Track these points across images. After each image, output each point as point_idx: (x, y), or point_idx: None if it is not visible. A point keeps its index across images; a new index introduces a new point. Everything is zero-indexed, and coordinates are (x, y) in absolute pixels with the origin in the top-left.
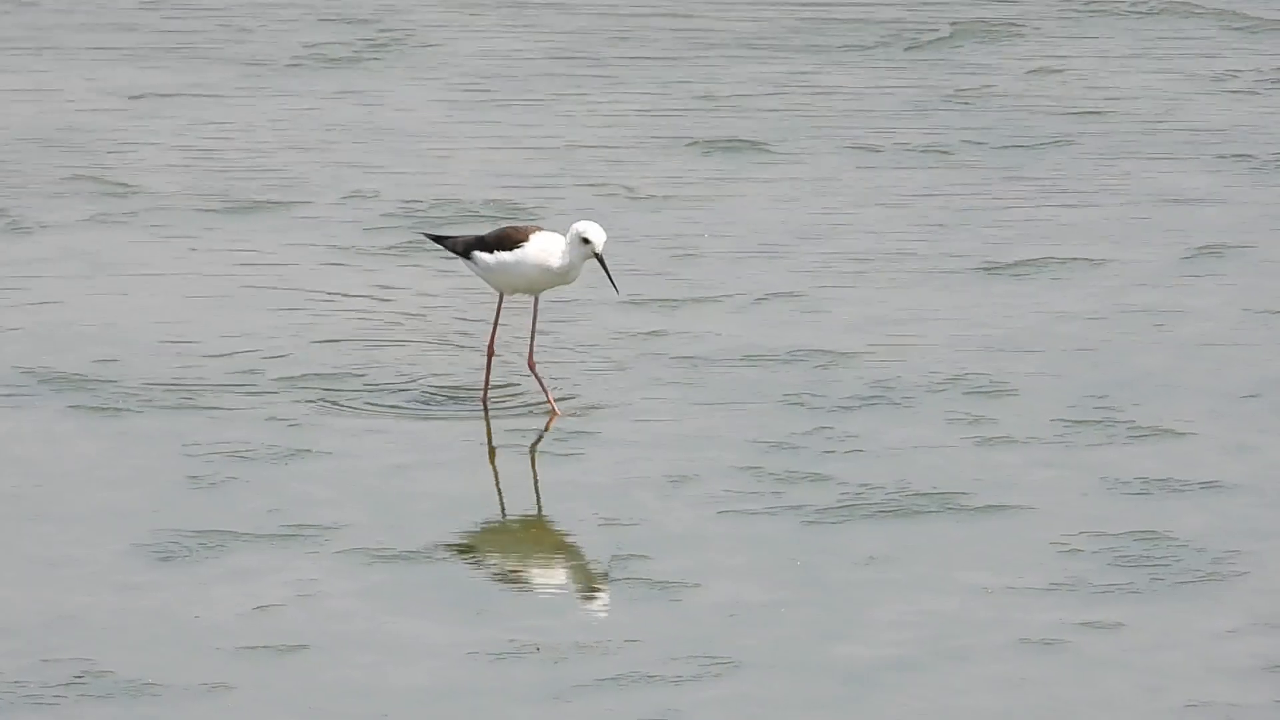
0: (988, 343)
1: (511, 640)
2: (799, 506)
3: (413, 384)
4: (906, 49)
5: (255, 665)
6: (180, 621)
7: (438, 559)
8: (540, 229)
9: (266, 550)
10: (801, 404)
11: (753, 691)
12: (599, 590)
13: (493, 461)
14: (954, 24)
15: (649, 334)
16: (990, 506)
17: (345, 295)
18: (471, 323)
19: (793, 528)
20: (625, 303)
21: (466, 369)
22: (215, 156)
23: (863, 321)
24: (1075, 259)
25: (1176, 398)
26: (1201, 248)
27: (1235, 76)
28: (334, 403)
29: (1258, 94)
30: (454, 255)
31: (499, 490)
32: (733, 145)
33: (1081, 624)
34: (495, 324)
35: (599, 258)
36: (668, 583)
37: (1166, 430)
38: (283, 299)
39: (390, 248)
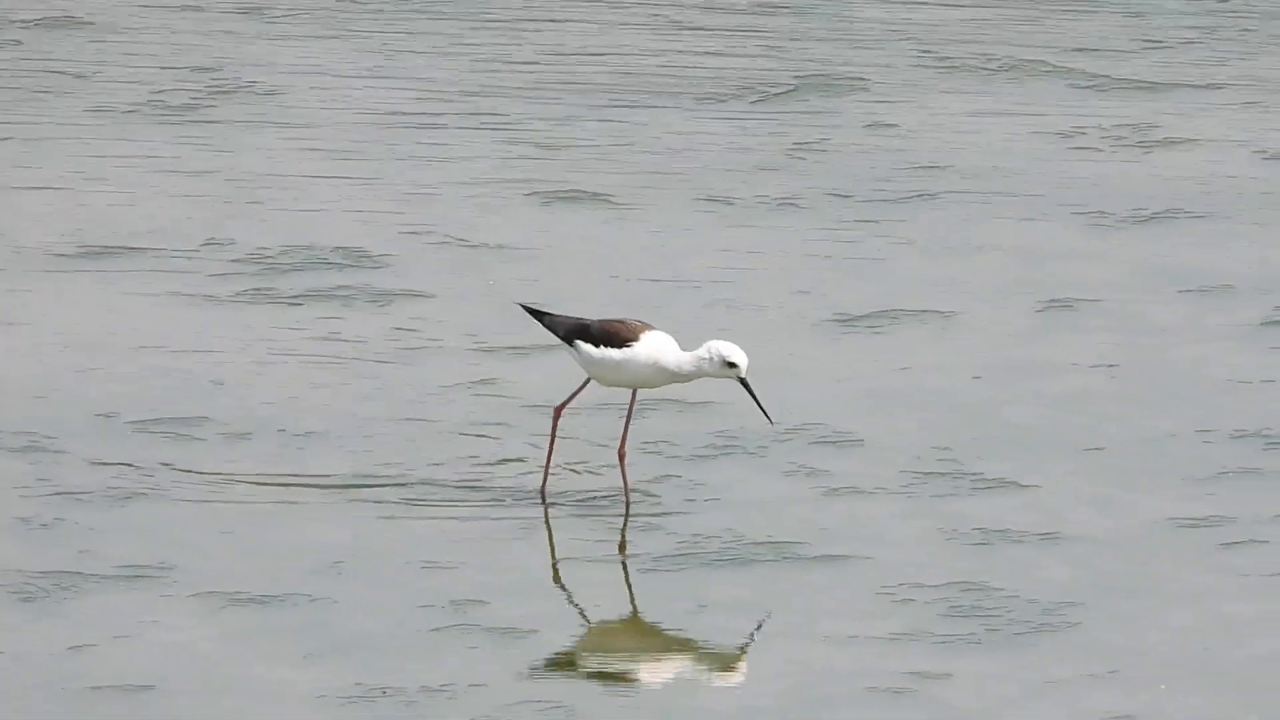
0: (840, 394)
1: (359, 684)
2: (638, 555)
3: (269, 429)
4: (753, 102)
5: (107, 705)
6: (30, 662)
7: (289, 603)
8: (651, 328)
9: (119, 592)
10: (659, 452)
11: None
12: (443, 634)
13: (343, 510)
14: (800, 77)
15: (496, 380)
16: (828, 556)
17: (201, 341)
18: (327, 368)
19: (629, 575)
20: (473, 349)
21: (320, 415)
22: (65, 202)
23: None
24: (929, 311)
25: (1023, 451)
26: (1053, 302)
27: (1082, 134)
28: (190, 445)
29: (1101, 150)
30: (552, 333)
31: (348, 537)
32: (575, 196)
33: (925, 674)
34: (626, 425)
35: (744, 382)
36: (509, 629)
37: (1011, 482)
38: (138, 344)
39: (241, 294)
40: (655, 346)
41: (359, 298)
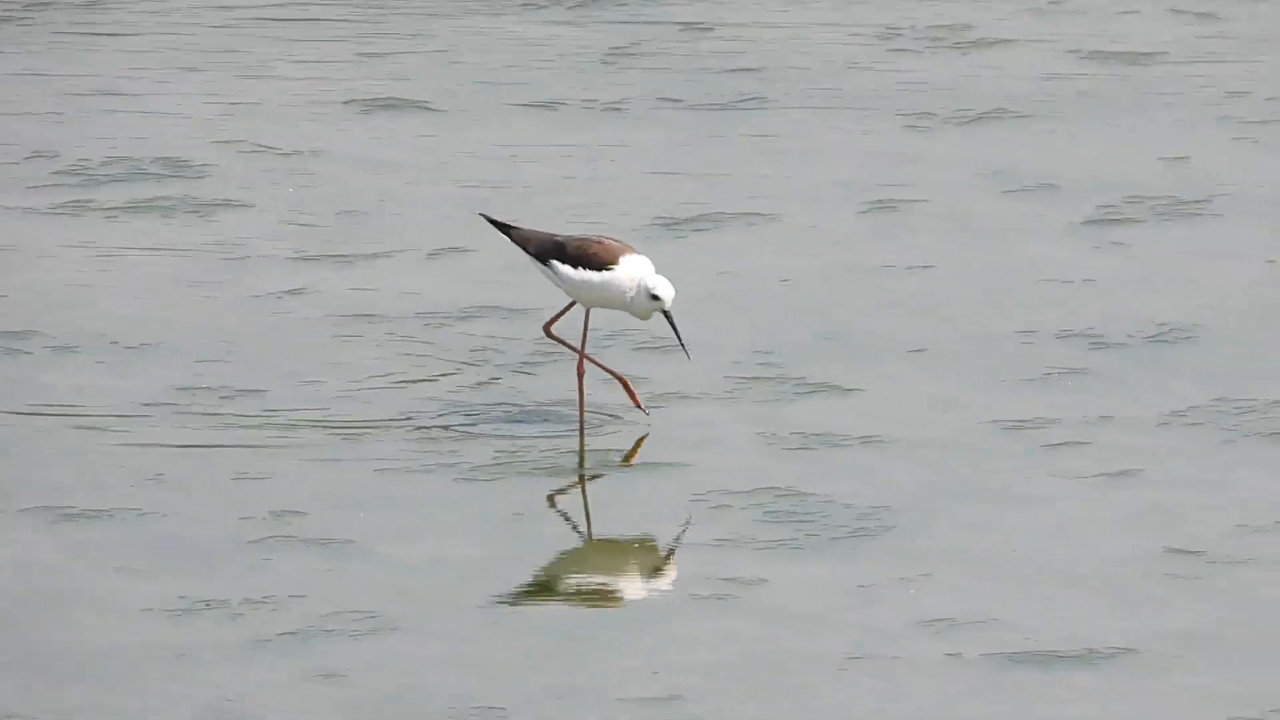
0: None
1: (183, 597)
2: (456, 464)
3: (96, 343)
4: (571, 7)
5: None
6: None
7: (115, 517)
8: (631, 251)
9: None
10: (486, 360)
11: (439, 648)
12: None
13: (169, 421)
14: None
15: (319, 289)
16: (648, 463)
17: (25, 254)
18: (151, 280)
19: (447, 484)
20: (295, 258)
21: (144, 327)
22: None
23: (541, 279)
24: (753, 214)
25: (848, 354)
26: (878, 203)
27: (898, 34)
28: (17, 360)
29: (919, 52)
30: (521, 249)
31: (174, 449)
32: (393, 104)
33: (746, 580)
34: (583, 341)
35: (667, 315)
36: (327, 540)
37: (834, 386)
38: None
39: (63, 205)
40: (633, 274)
41: (180, 209)
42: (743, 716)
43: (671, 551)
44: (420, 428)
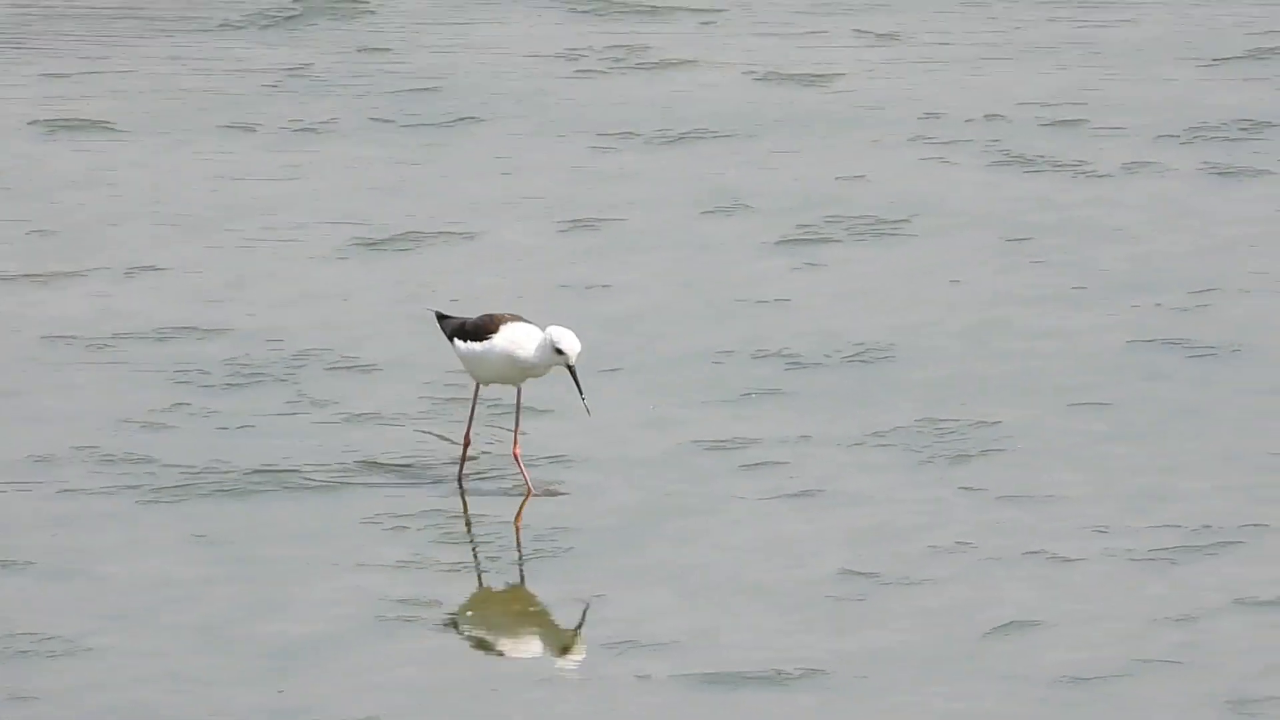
0: (360, 319)
1: None
2: (138, 486)
3: None
4: (263, 27)
5: None
6: None
7: None
8: (515, 319)
9: None
10: (189, 381)
11: (134, 669)
12: None
13: None
14: (304, 2)
15: (11, 311)
16: (326, 485)
17: None
18: None
19: (130, 505)
20: None
21: None
22: None
23: (239, 298)
24: (450, 234)
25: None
26: (576, 222)
27: (582, 56)
28: None
29: (607, 73)
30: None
31: None
32: (80, 124)
33: (429, 600)
34: (471, 414)
35: (570, 370)
36: (10, 562)
37: (528, 406)
38: None
39: None
40: (512, 338)
41: None
42: None
43: (358, 573)
44: (107, 449)
